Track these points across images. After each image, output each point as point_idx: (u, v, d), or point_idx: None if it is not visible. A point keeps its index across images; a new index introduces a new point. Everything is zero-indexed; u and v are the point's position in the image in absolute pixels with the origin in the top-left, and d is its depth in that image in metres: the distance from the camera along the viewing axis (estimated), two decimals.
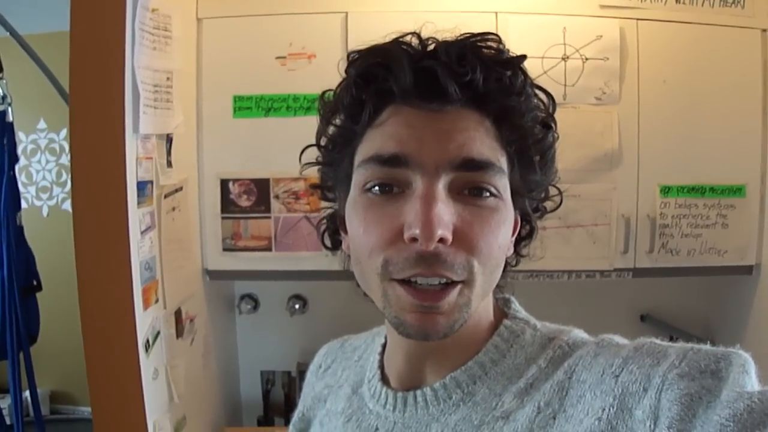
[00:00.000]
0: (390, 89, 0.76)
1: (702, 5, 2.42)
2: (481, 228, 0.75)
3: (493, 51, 0.77)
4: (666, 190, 2.47)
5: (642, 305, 2.93)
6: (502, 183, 0.77)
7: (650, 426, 0.64)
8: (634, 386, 0.68)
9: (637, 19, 2.43)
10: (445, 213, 0.72)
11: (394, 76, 0.75)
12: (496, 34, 0.79)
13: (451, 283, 0.74)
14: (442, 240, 0.71)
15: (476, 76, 0.74)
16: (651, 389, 0.66)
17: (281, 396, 3.01)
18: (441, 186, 0.73)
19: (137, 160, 1.91)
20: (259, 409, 3.04)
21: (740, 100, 2.45)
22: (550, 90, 0.83)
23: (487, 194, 0.76)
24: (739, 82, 2.45)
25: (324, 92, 0.88)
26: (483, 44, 0.77)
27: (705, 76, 2.45)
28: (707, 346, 0.70)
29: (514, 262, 0.91)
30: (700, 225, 2.49)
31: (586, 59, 2.42)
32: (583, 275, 2.52)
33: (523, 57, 0.80)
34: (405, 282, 0.75)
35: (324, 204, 0.96)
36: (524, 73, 0.79)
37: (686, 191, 2.47)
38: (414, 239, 0.71)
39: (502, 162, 0.77)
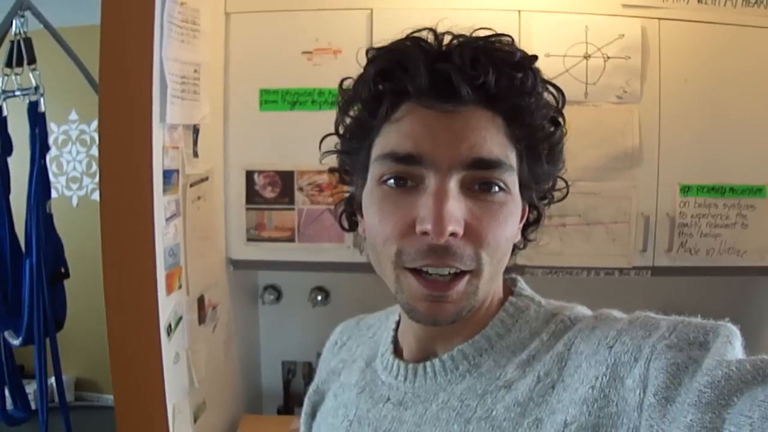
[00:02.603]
0: (406, 88, 0.79)
1: (724, 5, 2.41)
2: (489, 222, 0.78)
3: (505, 52, 0.80)
4: (686, 190, 2.47)
5: (661, 304, 2.84)
6: (511, 179, 0.81)
7: (639, 394, 0.67)
8: (625, 356, 0.71)
9: (659, 19, 2.43)
10: (456, 209, 0.76)
11: (410, 77, 0.78)
12: (509, 35, 0.82)
13: (460, 273, 0.78)
14: (453, 234, 0.75)
15: (489, 78, 0.76)
16: (641, 359, 0.69)
17: (302, 386, 3.03)
18: (453, 183, 0.77)
19: (164, 148, 1.96)
20: (279, 398, 3.07)
21: (761, 101, 2.44)
22: (571, 88, 0.86)
23: (496, 189, 0.79)
24: (761, 83, 2.44)
25: (343, 80, 0.91)
26: (496, 45, 0.80)
27: (726, 75, 2.44)
28: (697, 320, 0.73)
29: (521, 246, 0.95)
30: (719, 225, 2.49)
31: (608, 58, 2.43)
32: (602, 273, 2.53)
33: (534, 57, 0.82)
34: (416, 271, 0.79)
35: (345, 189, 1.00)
36: (535, 72, 0.81)
37: (706, 191, 2.47)
38: (425, 233, 0.75)
39: (512, 158, 0.81)
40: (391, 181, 0.80)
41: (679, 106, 2.46)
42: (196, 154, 2.21)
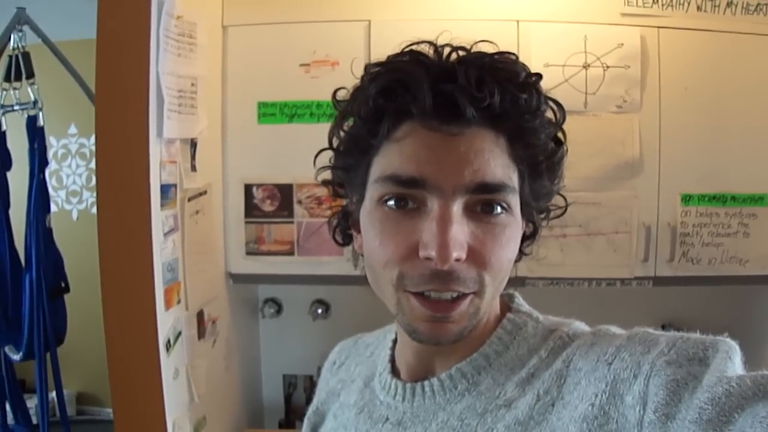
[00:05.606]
0: (408, 108, 0.77)
1: (723, 13, 2.40)
2: (492, 244, 0.78)
3: (510, 71, 0.78)
4: (687, 199, 2.45)
5: (663, 314, 2.88)
6: (514, 200, 0.80)
7: (639, 411, 0.66)
8: (625, 373, 0.71)
9: (659, 27, 2.42)
10: (460, 234, 0.75)
11: (412, 97, 0.76)
12: (514, 53, 0.80)
13: (463, 295, 0.78)
14: (456, 259, 0.74)
15: (494, 99, 0.75)
16: (640, 376, 0.69)
17: (303, 400, 3.03)
18: (456, 207, 0.75)
19: (161, 163, 1.95)
20: (281, 412, 3.06)
21: (762, 108, 2.43)
22: (571, 98, 0.85)
23: (499, 210, 0.78)
24: (761, 90, 2.42)
25: (336, 91, 0.89)
26: (500, 63, 0.78)
27: (726, 84, 2.43)
28: (696, 335, 0.73)
29: (517, 259, 0.93)
30: (721, 234, 2.47)
31: (607, 67, 2.42)
32: (603, 283, 2.52)
33: (539, 76, 0.81)
34: (418, 294, 0.78)
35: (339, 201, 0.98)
36: (539, 91, 0.80)
37: (707, 200, 2.45)
38: (429, 258, 0.74)
39: (514, 179, 0.79)
40: (392, 202, 0.79)
41: (680, 115, 2.44)
42: (194, 168, 2.20)
